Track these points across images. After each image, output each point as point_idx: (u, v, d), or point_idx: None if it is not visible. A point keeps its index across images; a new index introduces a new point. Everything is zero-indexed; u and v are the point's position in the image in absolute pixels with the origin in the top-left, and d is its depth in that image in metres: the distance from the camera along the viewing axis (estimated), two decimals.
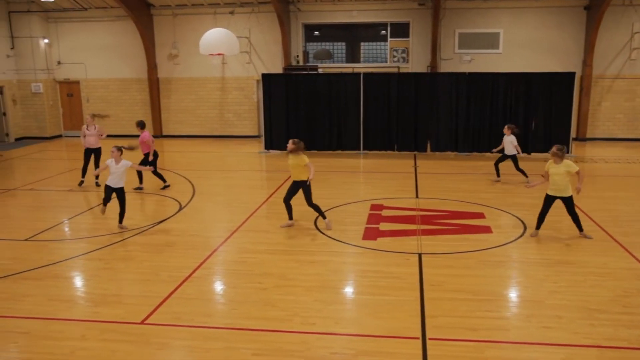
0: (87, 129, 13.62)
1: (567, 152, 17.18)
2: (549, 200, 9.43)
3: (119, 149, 10.12)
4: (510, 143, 13.42)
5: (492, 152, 14.84)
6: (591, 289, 7.38)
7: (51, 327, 6.52)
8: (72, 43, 22.30)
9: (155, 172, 13.05)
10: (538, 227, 9.60)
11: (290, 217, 10.17)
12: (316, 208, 10.00)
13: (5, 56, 21.55)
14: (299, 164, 9.80)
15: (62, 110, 23.12)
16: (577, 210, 9.60)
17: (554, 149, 9.25)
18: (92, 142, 13.65)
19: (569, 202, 9.34)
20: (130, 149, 10.61)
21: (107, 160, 10.19)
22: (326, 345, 6.02)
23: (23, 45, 21.90)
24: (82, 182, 13.76)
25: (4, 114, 21.70)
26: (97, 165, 13.57)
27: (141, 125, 13.34)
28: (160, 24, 21.76)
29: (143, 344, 6.10)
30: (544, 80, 17.24)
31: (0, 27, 21.30)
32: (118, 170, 10.03)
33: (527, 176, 13.46)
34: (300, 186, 9.92)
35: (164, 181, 13.37)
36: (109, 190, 10.09)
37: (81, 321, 6.66)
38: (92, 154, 13.70)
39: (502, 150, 13.65)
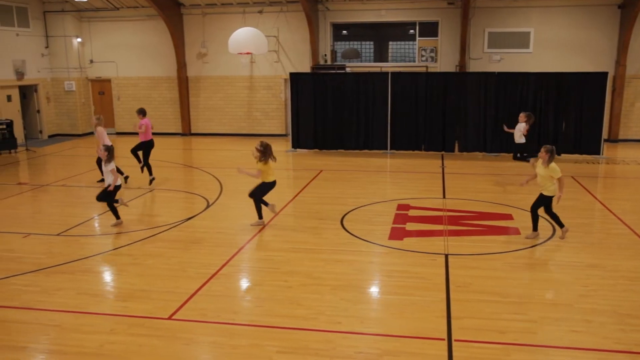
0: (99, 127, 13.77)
1: (599, 154, 16.91)
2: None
3: (107, 149, 10.12)
4: (518, 130, 13.41)
5: (504, 128, 14.74)
6: (622, 294, 7.24)
7: (81, 320, 6.65)
8: (104, 42, 22.67)
9: (147, 163, 13.51)
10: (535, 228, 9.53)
11: (260, 217, 10.30)
12: (257, 202, 10.16)
13: (40, 55, 22.01)
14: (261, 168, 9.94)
15: (94, 108, 23.51)
16: (605, 213, 9.43)
17: (542, 149, 9.10)
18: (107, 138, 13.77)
19: (545, 201, 9.20)
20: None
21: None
22: (351, 344, 6.03)
23: (57, 45, 22.34)
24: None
25: (38, 111, 22.16)
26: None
27: (142, 112, 13.51)
28: (189, 23, 21.98)
29: (170, 339, 6.18)
30: (575, 80, 16.95)
31: (36, 26, 21.75)
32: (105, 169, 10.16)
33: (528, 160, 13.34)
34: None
35: (150, 174, 13.58)
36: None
37: (110, 315, 6.78)
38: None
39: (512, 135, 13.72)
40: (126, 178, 13.58)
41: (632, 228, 9.97)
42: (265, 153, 9.77)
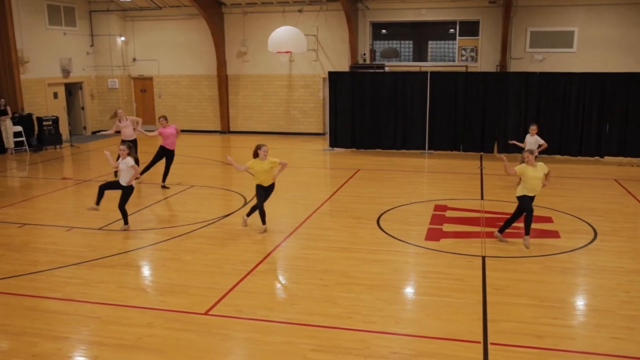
0: (119, 122, 13.86)
1: None
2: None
3: (129, 145, 10.06)
4: (536, 142, 12.80)
5: (510, 143, 14.21)
6: None
7: (120, 313, 6.81)
8: (147, 40, 23.11)
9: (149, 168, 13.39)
10: (501, 230, 9.32)
11: (263, 222, 9.96)
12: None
13: (85, 53, 22.58)
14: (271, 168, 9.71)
15: (136, 105, 23.99)
16: (636, 218, 9.16)
17: (526, 153, 8.97)
18: (128, 133, 13.88)
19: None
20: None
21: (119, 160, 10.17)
22: (386, 344, 6.02)
23: (101, 43, 22.89)
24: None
25: (82, 108, 22.74)
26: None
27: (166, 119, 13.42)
28: (230, 21, 22.22)
29: (206, 334, 6.28)
30: (621, 81, 16.50)
31: (82, 25, 22.32)
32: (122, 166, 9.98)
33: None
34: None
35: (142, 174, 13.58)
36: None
37: (148, 309, 6.92)
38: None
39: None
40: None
41: None
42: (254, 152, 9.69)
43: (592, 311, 6.89)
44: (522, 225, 9.51)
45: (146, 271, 8.45)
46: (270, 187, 9.93)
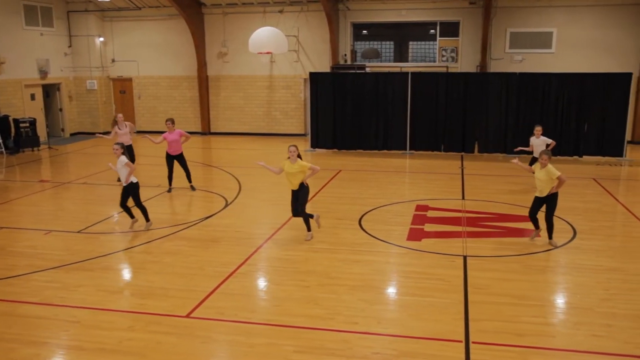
0: (118, 129, 13.57)
1: (622, 156, 16.66)
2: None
3: (122, 145, 9.87)
4: (544, 143, 12.61)
5: (515, 150, 13.75)
6: None
7: (100, 317, 6.73)
8: (126, 41, 22.89)
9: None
10: (537, 226, 9.35)
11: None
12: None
13: (63, 54, 22.29)
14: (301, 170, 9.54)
15: (115, 107, 23.75)
16: (627, 216, 9.28)
17: (542, 154, 8.91)
18: (124, 140, 13.70)
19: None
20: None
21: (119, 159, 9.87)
22: (368, 344, 6.02)
23: (80, 44, 22.61)
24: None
25: (60, 109, 22.45)
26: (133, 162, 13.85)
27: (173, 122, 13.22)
28: (210, 22, 22.10)
29: (188, 337, 6.23)
30: (599, 81, 16.72)
31: (60, 26, 22.04)
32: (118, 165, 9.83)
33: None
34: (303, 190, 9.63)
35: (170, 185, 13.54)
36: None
37: (129, 312, 6.85)
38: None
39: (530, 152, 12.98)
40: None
41: None
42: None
43: (571, 309, 6.96)
44: (504, 225, 9.59)
45: (126, 274, 8.36)
46: (300, 191, 9.54)
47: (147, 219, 10.18)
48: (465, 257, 8.58)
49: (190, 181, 13.06)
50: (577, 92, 16.80)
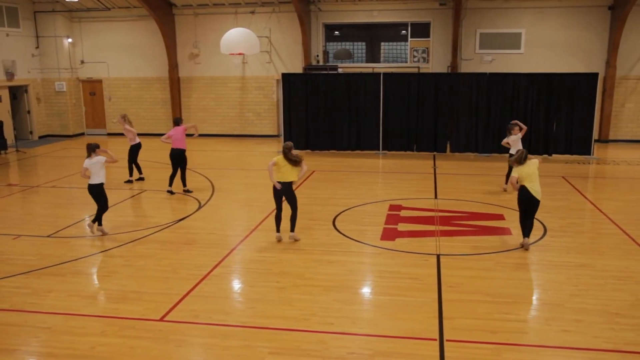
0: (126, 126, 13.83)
1: (590, 154, 17.00)
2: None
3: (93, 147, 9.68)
4: (519, 139, 12.51)
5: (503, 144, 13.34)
6: (612, 293, 7.29)
7: (72, 322, 6.62)
8: (95, 42, 22.56)
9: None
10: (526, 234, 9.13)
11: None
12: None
13: (30, 55, 21.86)
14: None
15: (85, 109, 23.40)
16: (596, 213, 9.47)
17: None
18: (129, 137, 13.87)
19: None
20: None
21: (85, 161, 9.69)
22: (343, 345, 6.03)
23: (47, 45, 22.21)
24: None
25: (29, 112, 22.01)
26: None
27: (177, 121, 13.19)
28: (181, 23, 21.92)
29: (162, 340, 6.17)
30: (566, 81, 17.04)
31: (26, 26, 21.61)
32: (93, 166, 9.63)
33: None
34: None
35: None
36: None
37: (101, 317, 6.76)
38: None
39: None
40: (130, 180, 13.96)
41: (622, 228, 10.03)
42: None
43: (543, 305, 7.09)
44: (477, 223, 9.68)
45: (98, 278, 8.23)
46: (290, 192, 9.38)
47: (96, 221, 9.88)
48: (438, 256, 8.66)
49: (185, 185, 13.11)
50: (546, 92, 17.10)
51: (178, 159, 12.80)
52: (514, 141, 12.49)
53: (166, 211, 11.65)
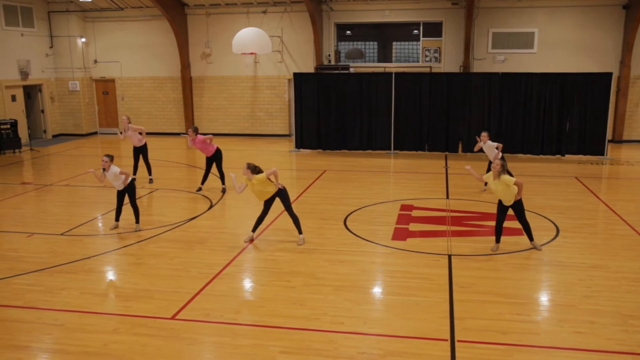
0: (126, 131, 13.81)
1: (603, 155, 16.87)
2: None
3: (111, 157, 9.79)
4: (493, 147, 12.20)
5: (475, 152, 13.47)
6: (626, 295, 7.23)
7: (85, 320, 6.67)
8: (108, 42, 22.71)
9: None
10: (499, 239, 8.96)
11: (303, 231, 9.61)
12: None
13: (45, 55, 22.06)
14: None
15: (98, 108, 23.56)
16: (609, 214, 9.40)
17: (496, 162, 8.54)
18: (136, 141, 13.81)
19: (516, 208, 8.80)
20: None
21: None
22: (354, 344, 6.03)
23: (61, 45, 22.39)
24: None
25: (42, 111, 22.21)
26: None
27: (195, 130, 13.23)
28: (194, 23, 22.01)
29: (173, 339, 6.20)
30: (580, 81, 16.91)
31: (41, 26, 21.80)
32: (110, 176, 9.80)
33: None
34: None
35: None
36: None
37: (113, 315, 6.80)
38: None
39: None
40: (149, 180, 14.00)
41: (636, 229, 9.94)
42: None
43: (555, 306, 7.04)
44: (488, 223, 9.61)
45: (110, 276, 8.29)
46: (280, 196, 9.30)
47: (138, 221, 10.13)
48: (450, 256, 8.63)
49: (223, 182, 13.26)
50: (559, 91, 16.98)
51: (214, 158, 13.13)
52: (488, 149, 12.28)
53: (178, 210, 11.70)
